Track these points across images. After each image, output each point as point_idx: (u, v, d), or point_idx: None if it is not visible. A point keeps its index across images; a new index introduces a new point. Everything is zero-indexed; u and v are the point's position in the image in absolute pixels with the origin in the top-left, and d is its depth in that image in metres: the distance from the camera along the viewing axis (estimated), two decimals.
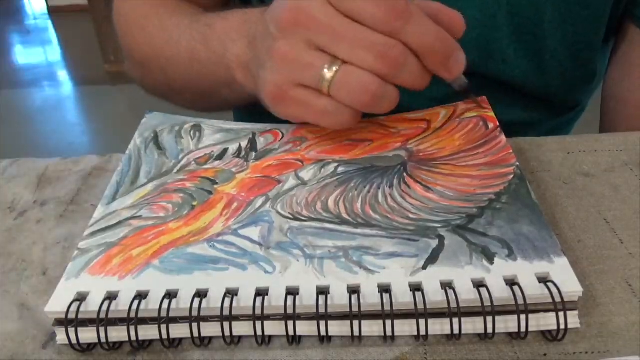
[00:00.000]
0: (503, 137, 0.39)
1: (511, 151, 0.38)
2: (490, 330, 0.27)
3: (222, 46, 0.44)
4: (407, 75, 0.35)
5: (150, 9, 0.52)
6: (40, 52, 3.12)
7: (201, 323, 0.28)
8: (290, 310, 0.28)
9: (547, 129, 0.57)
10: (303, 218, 0.34)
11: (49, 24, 3.47)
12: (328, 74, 0.34)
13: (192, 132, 0.42)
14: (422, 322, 0.28)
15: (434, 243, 0.31)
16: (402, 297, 0.28)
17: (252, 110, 0.60)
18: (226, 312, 0.28)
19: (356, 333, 0.28)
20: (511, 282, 0.28)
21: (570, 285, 0.28)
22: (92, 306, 0.29)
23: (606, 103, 0.55)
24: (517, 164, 0.36)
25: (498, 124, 0.40)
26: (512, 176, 0.35)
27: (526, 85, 0.52)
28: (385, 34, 0.33)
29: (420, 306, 0.27)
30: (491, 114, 0.42)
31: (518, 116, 0.53)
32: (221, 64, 0.44)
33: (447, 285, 0.28)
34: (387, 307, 0.27)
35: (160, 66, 0.50)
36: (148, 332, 0.28)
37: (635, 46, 0.51)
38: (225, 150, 0.40)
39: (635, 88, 0.52)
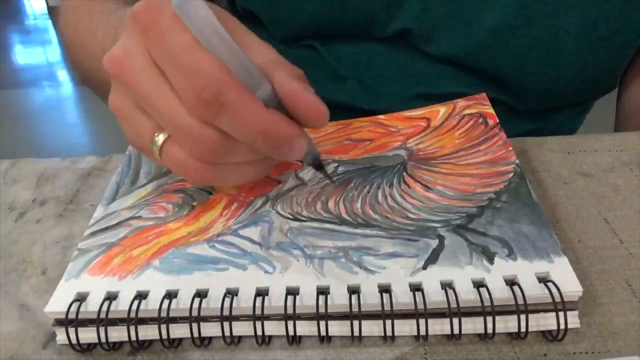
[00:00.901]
0: (503, 134, 0.39)
1: (511, 148, 0.37)
2: (490, 330, 0.27)
3: None
4: (234, 157, 0.31)
5: None
6: (40, 52, 3.12)
7: (201, 323, 0.28)
8: (290, 311, 0.28)
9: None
10: (303, 218, 0.34)
11: (49, 24, 3.47)
12: (156, 143, 0.31)
13: None
14: (422, 322, 0.28)
15: (434, 243, 0.31)
16: (402, 297, 0.28)
17: None
18: (226, 312, 0.28)
19: (356, 333, 0.28)
20: (511, 282, 0.28)
21: (570, 285, 0.28)
22: (92, 306, 0.29)
23: (623, 112, 0.54)
24: (517, 161, 0.36)
25: (497, 120, 0.40)
26: (512, 174, 0.35)
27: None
28: (199, 119, 0.29)
29: (420, 306, 0.27)
30: (491, 110, 0.42)
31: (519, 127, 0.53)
32: None
33: (447, 285, 0.28)
34: (387, 307, 0.27)
35: (77, 56, 0.48)
36: (148, 332, 0.28)
37: None
38: None
39: None
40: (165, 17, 0.29)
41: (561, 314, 0.27)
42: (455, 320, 0.28)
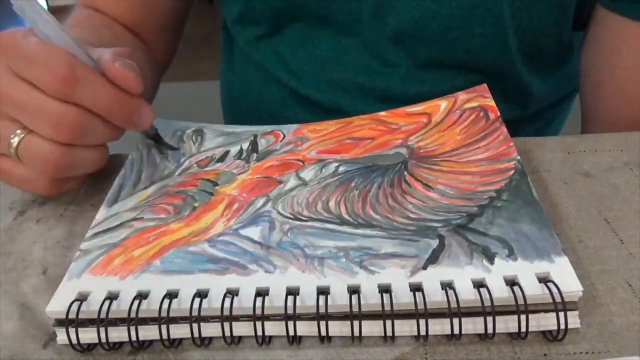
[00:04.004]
0: (504, 129, 0.39)
1: (512, 144, 0.37)
2: (490, 330, 0.27)
3: None
4: (91, 136, 0.35)
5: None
6: None
7: (201, 323, 0.28)
8: (290, 311, 0.28)
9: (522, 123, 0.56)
10: (304, 218, 0.34)
11: None
12: (14, 143, 0.34)
13: (193, 137, 0.42)
14: (422, 322, 0.28)
15: (434, 243, 0.31)
16: (403, 297, 0.28)
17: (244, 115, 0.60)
18: (226, 312, 0.28)
19: (356, 333, 0.28)
20: (511, 282, 0.28)
21: (570, 285, 0.28)
22: (92, 306, 0.29)
23: (582, 84, 0.54)
24: (518, 157, 0.36)
25: (499, 114, 0.40)
26: (512, 171, 0.35)
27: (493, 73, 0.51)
28: (59, 100, 0.33)
29: (421, 306, 0.27)
30: (492, 103, 0.41)
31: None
32: None
33: (447, 286, 0.28)
34: (387, 307, 0.27)
35: None
36: (148, 332, 0.28)
37: (602, 27, 0.49)
38: (226, 153, 0.40)
39: (606, 68, 0.50)
40: (19, 34, 0.34)
41: (561, 314, 0.27)
42: (456, 320, 0.28)
